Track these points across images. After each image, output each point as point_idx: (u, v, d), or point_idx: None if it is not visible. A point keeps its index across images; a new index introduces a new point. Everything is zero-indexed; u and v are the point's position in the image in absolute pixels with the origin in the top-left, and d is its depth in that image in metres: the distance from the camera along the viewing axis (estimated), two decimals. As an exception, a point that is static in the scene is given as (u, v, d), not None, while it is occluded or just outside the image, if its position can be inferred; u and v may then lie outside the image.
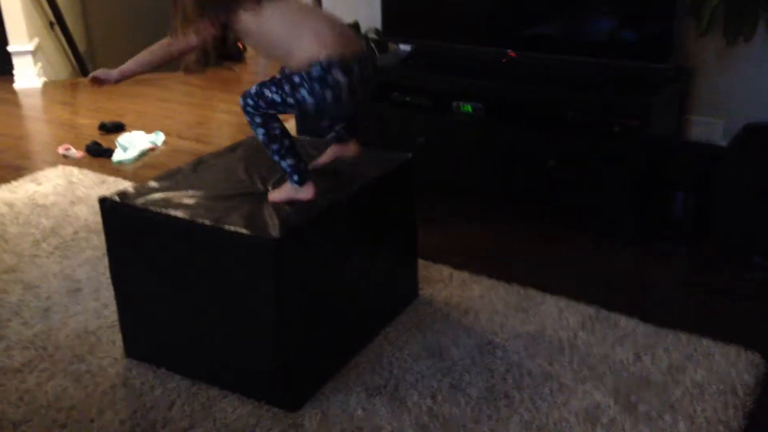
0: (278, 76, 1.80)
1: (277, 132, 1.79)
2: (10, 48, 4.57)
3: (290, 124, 3.58)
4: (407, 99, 3.00)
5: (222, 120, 4.17)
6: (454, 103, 2.89)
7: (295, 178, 1.82)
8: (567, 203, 2.72)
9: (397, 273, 2.20)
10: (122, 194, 1.91)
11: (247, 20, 1.75)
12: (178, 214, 1.80)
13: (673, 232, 2.65)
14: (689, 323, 2.11)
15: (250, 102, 1.77)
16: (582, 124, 2.62)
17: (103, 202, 1.89)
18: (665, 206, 2.62)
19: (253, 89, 1.78)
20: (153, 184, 1.98)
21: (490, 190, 2.90)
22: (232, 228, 1.72)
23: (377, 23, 3.34)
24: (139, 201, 1.87)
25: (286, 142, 1.80)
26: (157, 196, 1.90)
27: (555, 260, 2.53)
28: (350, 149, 2.04)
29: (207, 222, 1.76)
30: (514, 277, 2.39)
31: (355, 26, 3.39)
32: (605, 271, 2.46)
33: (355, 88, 1.76)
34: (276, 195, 1.86)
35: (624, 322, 2.13)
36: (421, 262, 2.35)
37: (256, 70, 4.13)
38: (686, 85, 2.76)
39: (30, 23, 4.64)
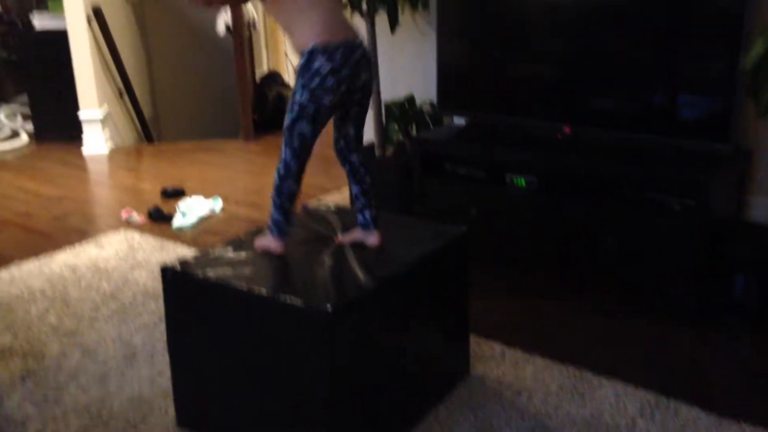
0: None
1: (285, 190, 1.92)
2: (80, 115, 4.80)
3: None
4: (461, 171, 3.03)
5: (278, 187, 4.26)
6: (508, 176, 2.90)
7: (274, 230, 1.97)
8: (625, 280, 2.66)
9: (450, 349, 2.18)
10: (183, 263, 1.96)
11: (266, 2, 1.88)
12: (236, 283, 1.83)
13: (736, 314, 2.57)
14: (753, 414, 2.02)
15: (286, 132, 1.88)
16: (640, 201, 2.59)
17: (165, 270, 1.94)
18: (726, 288, 2.54)
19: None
20: (213, 252, 2.03)
21: (544, 264, 2.87)
22: (287, 299, 1.74)
23: (432, 96, 3.41)
24: (199, 270, 1.91)
25: (286, 202, 1.94)
26: (217, 264, 1.94)
27: (612, 340, 2.47)
28: (373, 239, 2.05)
29: (263, 292, 1.78)
30: (569, 357, 2.33)
31: (410, 99, 3.47)
32: (665, 353, 2.39)
33: (342, 75, 1.81)
34: (258, 241, 2.03)
35: (685, 410, 2.04)
36: (472, 337, 2.33)
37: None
38: (746, 166, 2.71)
39: (100, 91, 4.88)
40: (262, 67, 6.29)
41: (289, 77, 6.41)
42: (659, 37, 2.61)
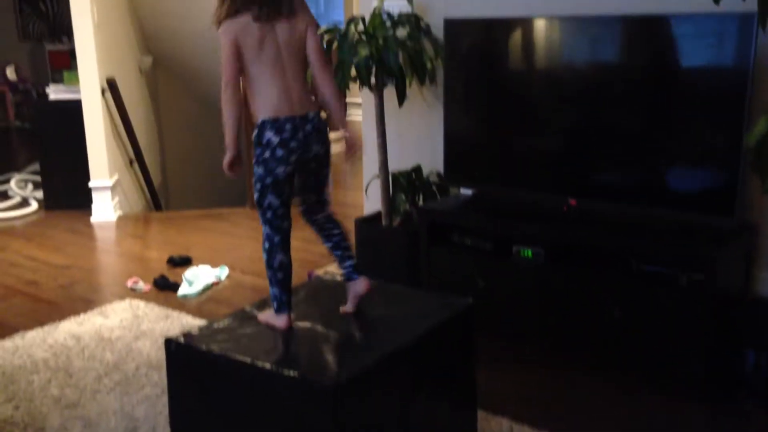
0: None
1: (275, 264, 1.99)
2: (91, 184, 4.86)
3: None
4: (467, 242, 3.04)
5: (284, 255, 4.27)
6: (515, 248, 2.90)
7: (274, 305, 2.01)
8: (634, 354, 2.63)
9: (457, 423, 2.14)
10: (187, 335, 1.95)
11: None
12: (239, 357, 1.82)
13: (747, 390, 2.52)
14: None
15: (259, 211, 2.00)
16: (647, 274, 2.58)
17: (168, 343, 1.93)
18: (737, 364, 2.50)
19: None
20: (218, 324, 2.02)
21: (551, 336, 2.84)
22: (291, 373, 1.72)
23: (439, 166, 3.45)
24: (203, 342, 1.90)
25: (279, 275, 1.99)
26: (221, 337, 1.93)
27: (621, 417, 2.42)
28: (361, 286, 2.08)
29: (267, 366, 1.77)
30: (579, 434, 2.28)
31: (417, 170, 3.51)
32: None
33: (291, 146, 1.94)
34: (261, 316, 2.07)
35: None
36: (479, 412, 2.28)
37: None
38: (751, 240, 2.71)
39: (112, 161, 4.96)
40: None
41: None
42: (664, 112, 2.66)
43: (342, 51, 3.27)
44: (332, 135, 2.24)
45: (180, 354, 1.92)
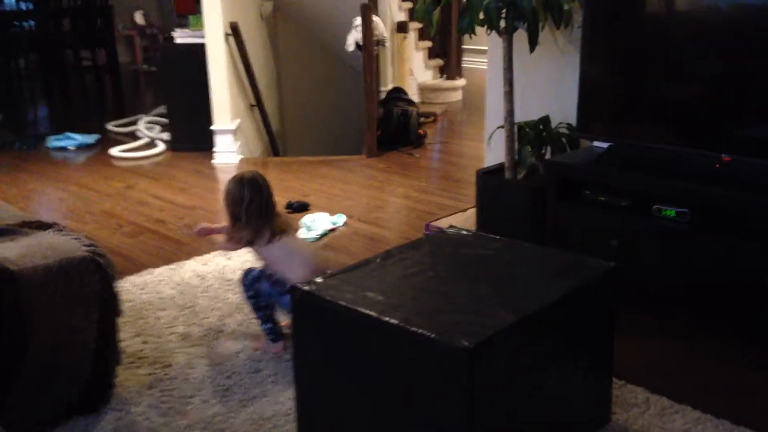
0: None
1: (262, 304, 2.49)
2: (214, 126, 4.95)
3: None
4: (601, 198, 2.83)
5: (400, 204, 4.20)
6: (655, 207, 2.68)
7: (271, 337, 2.48)
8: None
9: (591, 392, 2.00)
10: (313, 284, 1.90)
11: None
12: (367, 310, 1.75)
13: None
14: None
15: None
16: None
17: (294, 291, 1.89)
18: None
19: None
20: (344, 275, 1.96)
21: (695, 305, 2.61)
22: (423, 331, 1.64)
23: (568, 118, 3.23)
24: (330, 293, 1.85)
25: (267, 312, 2.49)
26: (348, 288, 1.87)
27: (765, 393, 2.20)
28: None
29: (396, 322, 1.69)
30: (724, 411, 2.09)
31: (545, 121, 3.31)
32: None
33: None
34: (256, 344, 2.52)
35: None
36: (614, 381, 2.13)
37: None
38: None
39: (234, 105, 5.02)
40: (387, 84, 6.29)
41: (413, 94, 6.37)
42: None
43: (471, -8, 3.08)
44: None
45: (305, 303, 1.88)
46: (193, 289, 2.98)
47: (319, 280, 1.93)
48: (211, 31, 4.82)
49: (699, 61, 2.68)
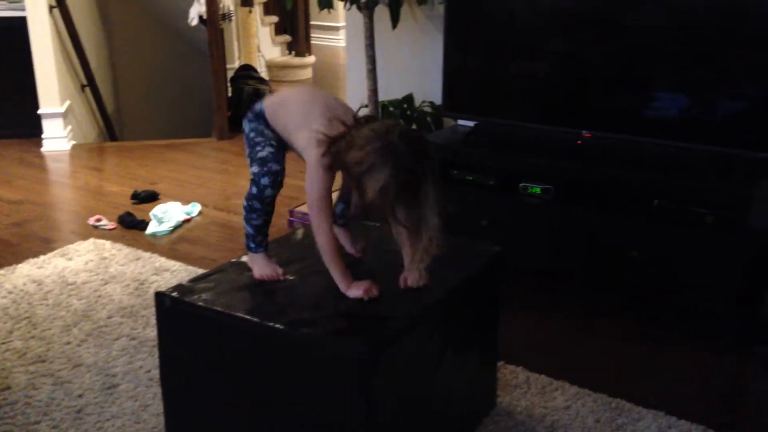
0: None
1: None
2: (40, 110, 4.44)
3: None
4: (469, 178, 2.80)
5: (258, 190, 3.98)
6: (521, 185, 2.69)
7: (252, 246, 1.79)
8: (655, 300, 2.47)
9: (479, 379, 1.95)
10: (180, 289, 1.69)
11: None
12: (248, 316, 1.57)
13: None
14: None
15: None
16: (668, 213, 2.40)
17: (161, 298, 1.67)
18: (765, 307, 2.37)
19: None
20: (211, 277, 1.76)
21: (563, 280, 2.66)
22: (315, 338, 1.49)
23: (431, 96, 3.18)
24: (199, 298, 1.65)
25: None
26: (218, 291, 1.67)
27: (645, 364, 2.27)
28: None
29: (280, 326, 1.53)
30: (601, 385, 2.13)
31: (408, 99, 3.24)
32: (706, 380, 2.20)
33: None
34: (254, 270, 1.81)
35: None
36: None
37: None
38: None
39: (62, 85, 4.52)
40: (234, 61, 5.97)
41: (261, 72, 6.11)
42: (694, 33, 2.43)
43: (329, -36, 2.93)
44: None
45: (175, 310, 1.66)
46: (29, 297, 2.61)
47: (186, 283, 1.72)
48: (33, 3, 4.29)
49: (557, 38, 2.72)
